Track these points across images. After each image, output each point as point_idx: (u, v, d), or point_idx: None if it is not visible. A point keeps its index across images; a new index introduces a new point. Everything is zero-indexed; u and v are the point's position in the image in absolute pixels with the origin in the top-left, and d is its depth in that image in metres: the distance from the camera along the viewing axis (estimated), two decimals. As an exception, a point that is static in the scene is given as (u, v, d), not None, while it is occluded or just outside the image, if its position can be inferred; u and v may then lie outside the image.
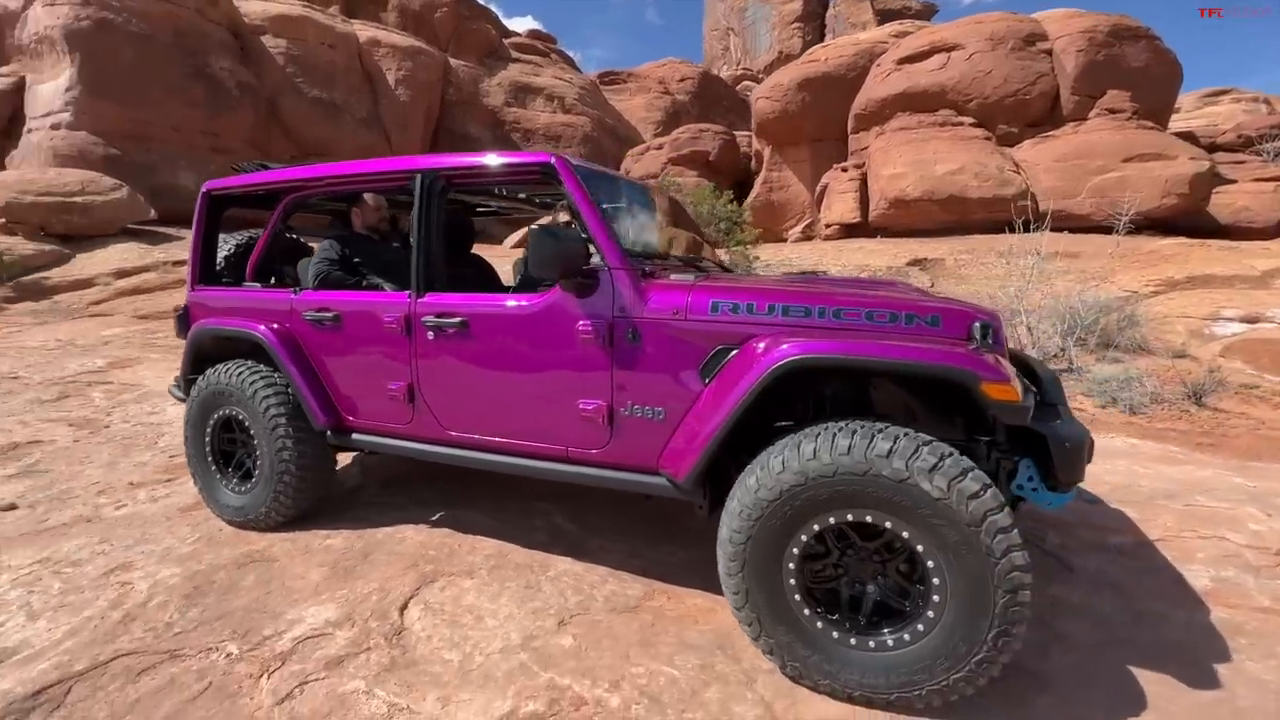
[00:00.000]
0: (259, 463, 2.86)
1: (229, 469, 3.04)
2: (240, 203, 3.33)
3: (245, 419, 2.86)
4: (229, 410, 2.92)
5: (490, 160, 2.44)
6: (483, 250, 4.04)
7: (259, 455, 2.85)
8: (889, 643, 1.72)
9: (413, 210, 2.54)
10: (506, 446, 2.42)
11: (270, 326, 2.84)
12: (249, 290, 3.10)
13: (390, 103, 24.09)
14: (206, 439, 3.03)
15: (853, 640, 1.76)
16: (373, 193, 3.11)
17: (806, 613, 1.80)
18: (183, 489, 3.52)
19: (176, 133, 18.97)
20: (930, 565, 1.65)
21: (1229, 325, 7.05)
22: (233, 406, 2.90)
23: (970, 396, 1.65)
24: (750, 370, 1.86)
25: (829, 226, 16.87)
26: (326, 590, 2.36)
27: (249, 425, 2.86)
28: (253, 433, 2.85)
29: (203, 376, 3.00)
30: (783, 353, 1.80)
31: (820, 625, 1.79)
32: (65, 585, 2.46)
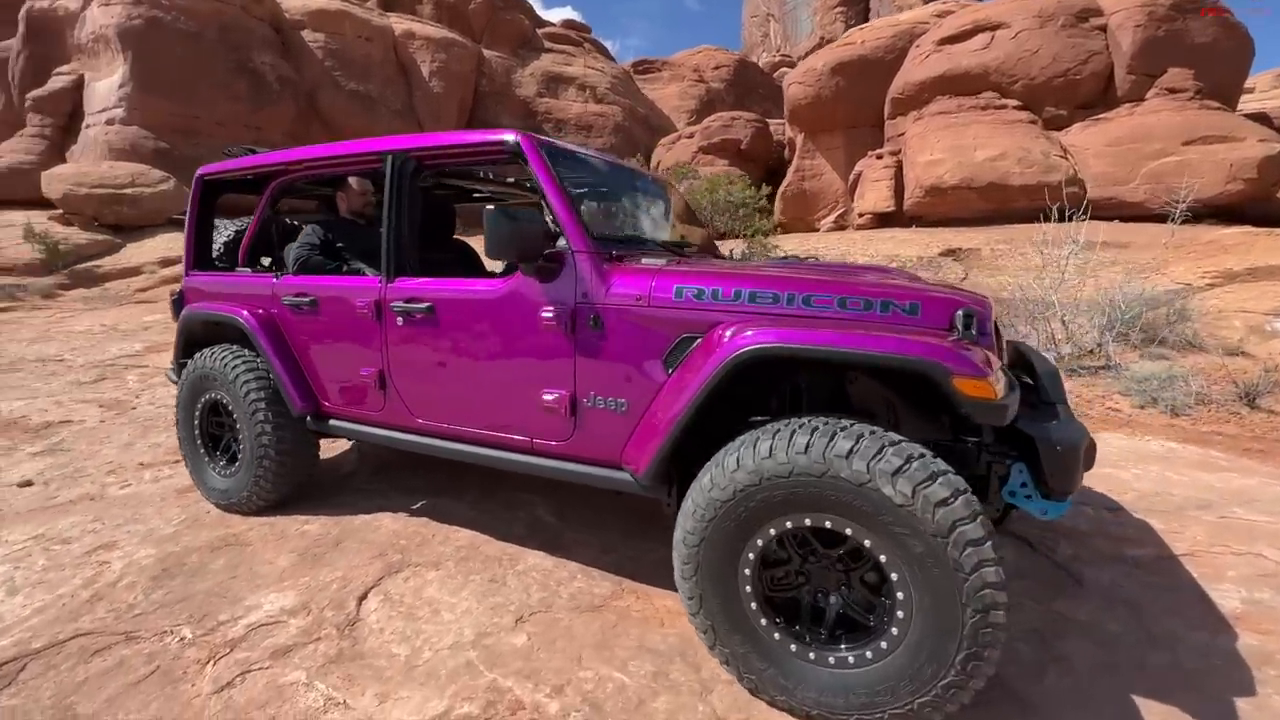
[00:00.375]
0: (241, 447, 2.87)
1: (217, 452, 3.07)
2: (234, 188, 3.34)
3: (229, 403, 2.88)
4: (215, 394, 2.94)
5: (456, 139, 2.35)
6: (478, 239, 3.98)
7: (241, 440, 2.86)
8: (849, 660, 1.58)
9: (384, 192, 2.48)
10: (472, 436, 2.35)
11: (251, 311, 2.83)
12: (238, 275, 3.11)
13: (424, 94, 24.42)
14: (195, 422, 3.06)
15: (811, 654, 1.62)
16: (358, 177, 3.07)
17: (764, 622, 1.67)
18: (185, 471, 3.59)
19: (221, 126, 19.65)
20: (894, 578, 1.50)
21: (1294, 321, 6.46)
22: (218, 391, 2.91)
23: (941, 392, 1.48)
24: (709, 360, 1.73)
25: (862, 216, 16.32)
26: (291, 577, 2.34)
27: (232, 410, 2.87)
28: (235, 417, 2.86)
29: (191, 361, 3.03)
30: (741, 342, 1.67)
31: (778, 636, 1.66)
32: (49, 562, 2.52)
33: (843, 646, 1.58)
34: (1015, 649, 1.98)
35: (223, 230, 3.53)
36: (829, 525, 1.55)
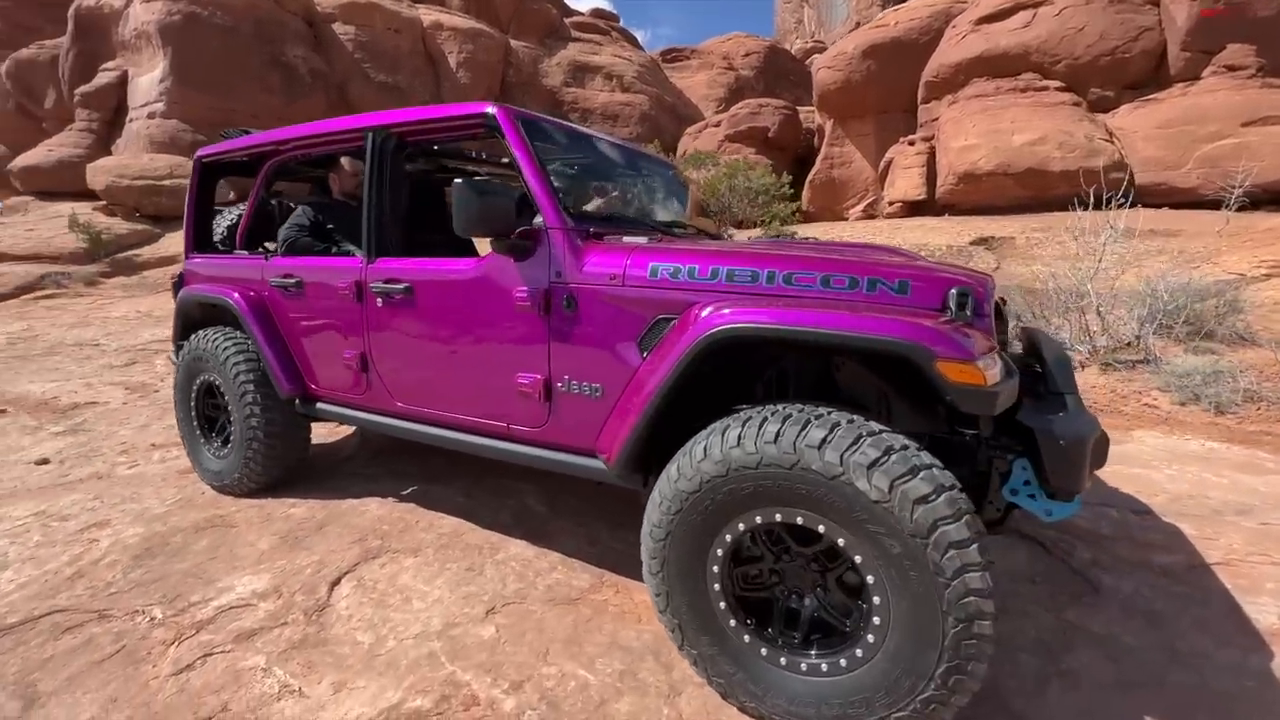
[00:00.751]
0: (232, 429, 2.87)
1: (212, 434, 3.08)
2: (233, 170, 3.34)
3: (221, 385, 2.88)
4: (208, 376, 2.95)
5: (435, 113, 2.27)
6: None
7: (232, 421, 2.86)
8: (822, 667, 1.45)
9: (365, 169, 2.42)
10: (451, 420, 2.28)
11: (242, 293, 2.82)
12: (233, 258, 3.11)
13: (452, 85, 24.55)
14: (191, 404, 3.08)
15: (783, 660, 1.50)
16: (350, 158, 3.02)
17: (733, 623, 1.56)
18: (189, 453, 3.63)
19: (255, 119, 20.10)
20: (870, 581, 1.37)
21: (1360, 314, 5.96)
22: (211, 373, 2.92)
23: (925, 377, 1.33)
24: (679, 342, 1.62)
25: (892, 204, 15.76)
26: (268, 560, 2.31)
27: (224, 392, 2.87)
28: (226, 399, 2.86)
29: (186, 343, 3.04)
30: (710, 323, 1.54)
31: (748, 639, 1.54)
32: (43, 539, 2.55)
33: (813, 652, 1.46)
34: (1016, 660, 1.83)
35: (227, 214, 3.54)
36: (800, 521, 1.43)
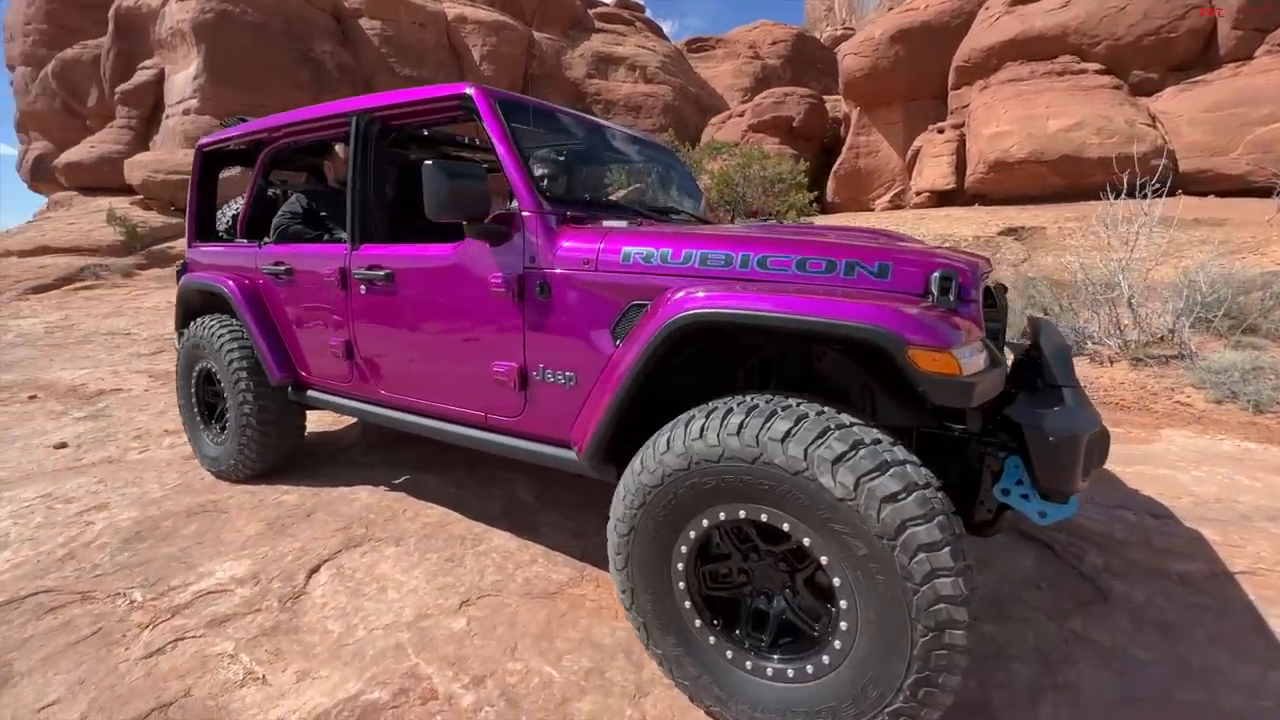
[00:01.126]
0: (228, 416, 2.89)
1: (212, 420, 3.12)
2: (234, 160, 3.36)
3: (217, 372, 2.90)
4: (206, 363, 2.98)
5: (415, 95, 2.22)
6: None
7: (228, 408, 2.88)
8: (788, 673, 1.37)
9: (349, 154, 2.39)
10: (432, 409, 2.25)
11: (236, 281, 2.83)
12: (231, 246, 3.13)
13: (475, 78, 24.67)
14: (191, 390, 3.12)
15: (748, 664, 1.43)
16: (345, 145, 3.00)
17: (698, 623, 1.49)
18: (194, 438, 3.69)
19: (284, 114, 20.52)
20: (836, 583, 1.28)
21: None
22: (208, 360, 2.95)
23: (896, 365, 1.23)
24: (645, 329, 1.54)
25: (920, 194, 15.33)
26: (251, 546, 2.32)
27: (220, 379, 2.89)
28: (221, 386, 2.89)
29: (186, 330, 3.08)
30: (675, 308, 1.47)
31: (713, 640, 1.47)
32: (44, 520, 2.61)
33: (775, 657, 1.38)
34: (1010, 670, 1.72)
35: (233, 204, 3.58)
36: (765, 519, 1.34)
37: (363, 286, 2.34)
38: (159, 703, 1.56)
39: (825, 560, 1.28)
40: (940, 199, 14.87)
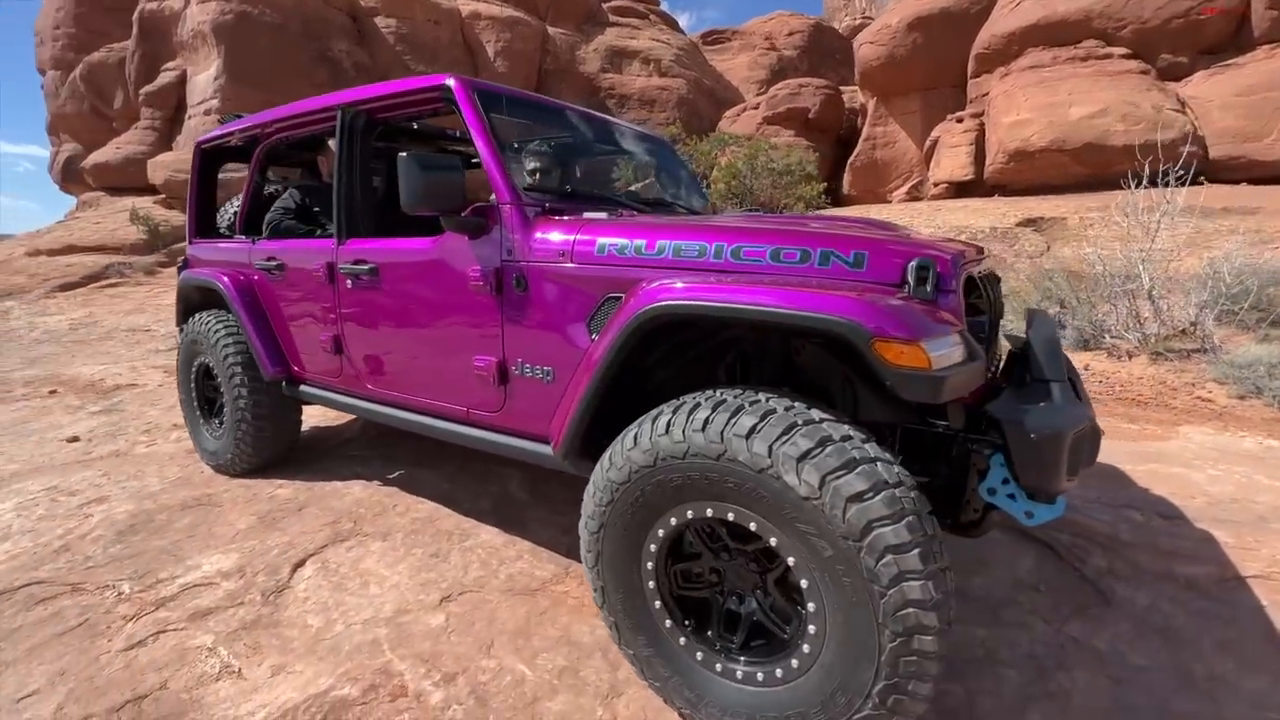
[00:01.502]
0: (225, 410, 2.92)
1: (211, 415, 3.15)
2: (233, 156, 3.38)
3: (213, 367, 2.93)
4: (204, 358, 3.01)
5: (396, 87, 2.21)
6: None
7: (225, 403, 2.91)
8: (758, 676, 1.33)
9: (336, 148, 2.39)
10: (416, 404, 2.25)
11: (231, 276, 2.85)
12: (229, 242, 3.16)
13: (489, 75, 24.74)
14: (191, 385, 3.16)
15: (718, 666, 1.39)
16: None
17: (669, 624, 1.45)
18: (198, 433, 3.74)
19: (303, 114, 20.79)
20: (804, 585, 1.23)
21: None
22: (205, 355, 2.98)
23: (862, 359, 1.18)
24: (614, 323, 1.51)
25: (937, 185, 15.00)
26: (240, 540, 2.34)
27: (216, 373, 2.92)
28: (218, 380, 2.92)
29: (185, 325, 3.12)
30: (643, 300, 1.43)
31: (683, 641, 1.44)
32: (46, 512, 2.66)
33: (743, 660, 1.34)
34: (1001, 676, 1.65)
35: (234, 202, 3.60)
36: (732, 518, 1.30)
37: (349, 281, 2.33)
38: (134, 695, 1.57)
39: (793, 561, 1.24)
40: (959, 190, 14.54)
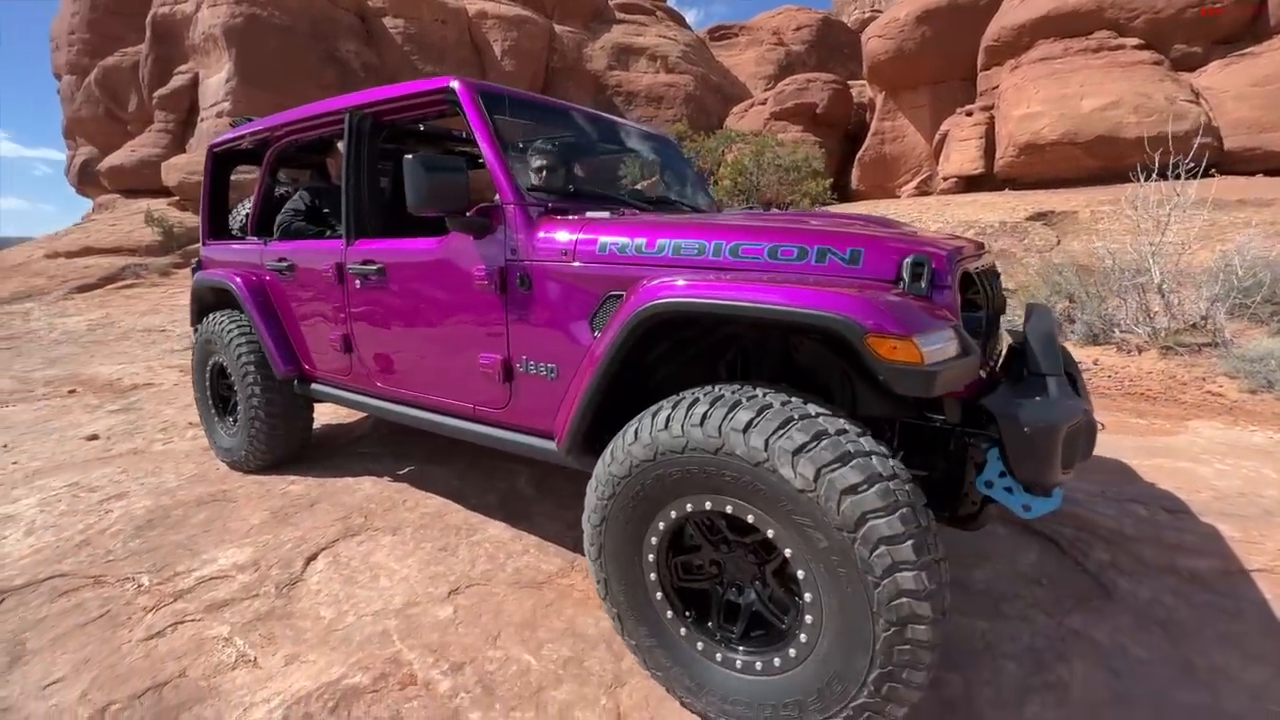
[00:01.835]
0: (239, 409, 2.99)
1: (226, 413, 3.22)
2: (244, 159, 3.45)
3: (227, 366, 2.99)
4: (218, 358, 3.07)
5: (402, 90, 2.25)
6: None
7: (239, 401, 2.98)
8: (757, 666, 1.36)
9: (344, 150, 2.43)
10: (424, 401, 2.29)
11: (243, 277, 2.91)
12: (241, 243, 3.22)
13: (497, 74, 24.80)
14: (206, 384, 3.23)
15: (718, 656, 1.42)
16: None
17: (670, 615, 1.49)
18: (212, 430, 3.82)
19: (312, 115, 20.96)
20: (801, 576, 1.26)
21: None
22: (219, 354, 3.04)
23: (857, 354, 1.20)
24: (614, 320, 1.54)
25: (947, 180, 14.89)
26: (255, 534, 2.40)
27: (230, 373, 2.99)
28: (231, 379, 2.98)
29: (200, 325, 3.18)
30: (642, 298, 1.46)
31: (684, 632, 1.47)
32: (68, 508, 2.74)
33: (743, 649, 1.37)
34: (1000, 668, 1.67)
35: (246, 204, 3.67)
36: (730, 511, 1.33)
37: (357, 281, 2.38)
38: (155, 682, 1.63)
39: (790, 553, 1.26)
40: (968, 184, 14.42)
